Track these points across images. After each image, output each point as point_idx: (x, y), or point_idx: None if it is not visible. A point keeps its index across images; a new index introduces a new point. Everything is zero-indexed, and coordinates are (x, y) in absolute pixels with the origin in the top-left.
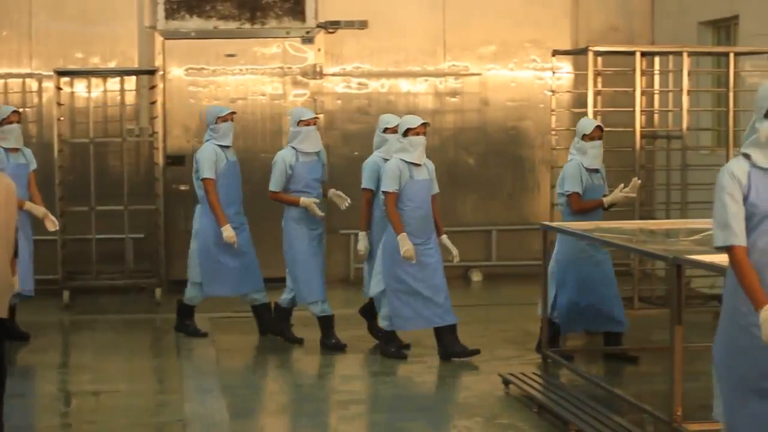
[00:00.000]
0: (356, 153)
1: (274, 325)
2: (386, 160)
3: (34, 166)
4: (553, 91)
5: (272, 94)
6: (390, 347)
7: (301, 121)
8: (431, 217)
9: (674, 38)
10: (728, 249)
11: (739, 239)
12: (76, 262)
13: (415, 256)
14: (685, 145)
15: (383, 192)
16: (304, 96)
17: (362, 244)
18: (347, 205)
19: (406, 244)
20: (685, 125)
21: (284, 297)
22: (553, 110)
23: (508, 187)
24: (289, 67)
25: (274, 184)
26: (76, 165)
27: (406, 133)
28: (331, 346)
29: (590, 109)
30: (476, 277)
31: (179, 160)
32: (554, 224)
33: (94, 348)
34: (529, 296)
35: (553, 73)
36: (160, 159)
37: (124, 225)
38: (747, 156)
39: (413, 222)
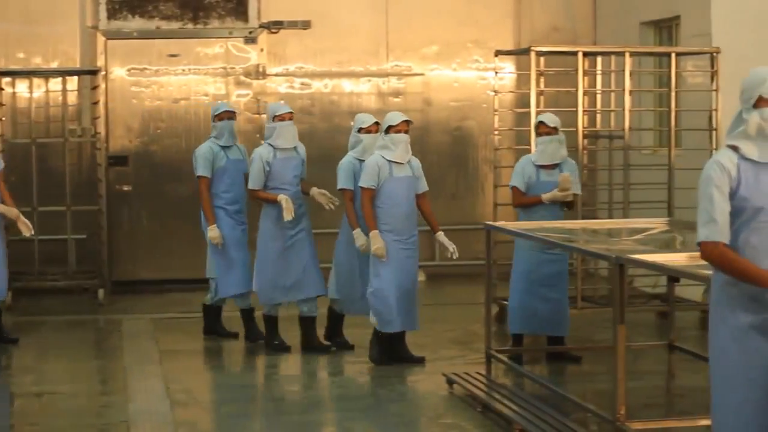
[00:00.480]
0: None
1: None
2: (361, 161)
3: (1, 165)
4: (495, 92)
5: (215, 94)
6: (379, 353)
7: (276, 116)
8: (413, 215)
9: (616, 38)
10: (709, 245)
11: (724, 236)
12: (19, 263)
13: (392, 254)
14: (627, 144)
15: (360, 187)
16: (247, 96)
17: (360, 241)
18: (332, 207)
19: (377, 242)
20: (627, 125)
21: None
22: (496, 110)
23: (452, 187)
24: (232, 68)
25: (253, 182)
26: (18, 165)
27: (388, 130)
28: (274, 347)
29: (533, 110)
30: (420, 277)
31: (122, 161)
32: (498, 224)
33: (37, 349)
34: (472, 296)
35: (496, 73)
36: (102, 159)
37: (66, 226)
38: (735, 148)
39: (391, 220)
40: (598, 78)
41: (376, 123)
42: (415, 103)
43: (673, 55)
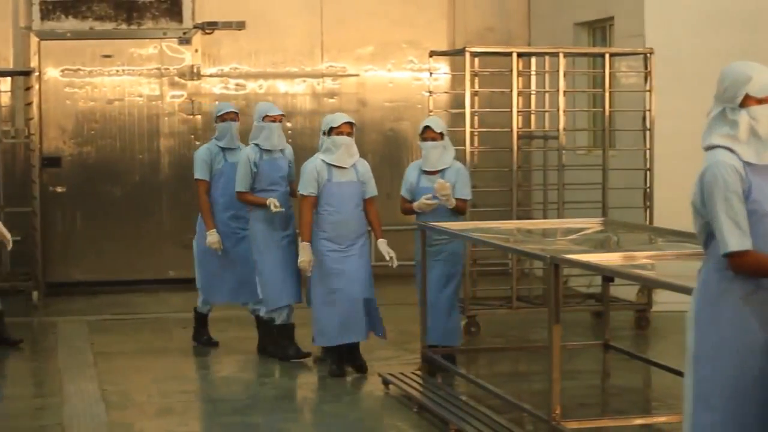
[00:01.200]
0: None
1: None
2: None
3: None
4: (430, 92)
5: (149, 95)
6: (331, 364)
7: (266, 116)
8: (356, 222)
9: (550, 39)
10: (742, 255)
11: (750, 243)
12: None
13: (327, 264)
14: (562, 145)
15: (299, 194)
16: (181, 97)
17: (306, 255)
18: None
19: (303, 255)
20: (561, 125)
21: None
22: (430, 111)
23: (387, 187)
24: (167, 68)
25: (240, 184)
26: None
27: (330, 132)
28: (271, 352)
29: (467, 110)
30: None
31: (55, 162)
32: (431, 224)
33: None
34: (407, 297)
35: (431, 74)
36: (36, 161)
37: None
38: (730, 150)
39: (330, 228)
40: (533, 78)
41: (349, 123)
42: (350, 103)
43: (607, 55)
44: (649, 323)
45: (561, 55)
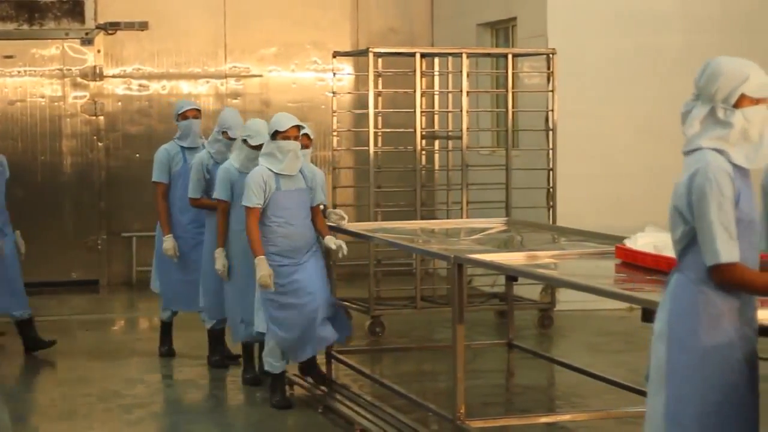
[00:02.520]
0: (138, 155)
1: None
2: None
3: (6, 174)
4: (334, 93)
5: (51, 96)
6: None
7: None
8: (308, 232)
9: (453, 40)
10: (730, 267)
11: (738, 254)
12: None
13: (276, 280)
14: (465, 145)
15: (243, 206)
16: (84, 98)
17: (220, 263)
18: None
19: (262, 269)
20: (464, 126)
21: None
22: (334, 111)
23: None
24: (69, 69)
25: (191, 190)
26: None
27: (275, 136)
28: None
29: (371, 110)
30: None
31: None
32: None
33: None
34: None
35: (334, 74)
36: None
37: None
38: (720, 152)
39: (281, 241)
40: (436, 79)
41: (297, 127)
42: (254, 104)
43: (510, 56)
44: (553, 322)
45: (464, 56)
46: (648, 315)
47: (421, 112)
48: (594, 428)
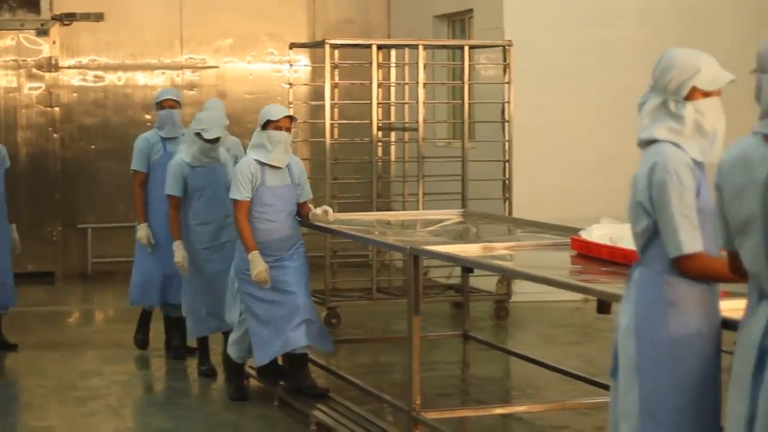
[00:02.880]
0: (93, 147)
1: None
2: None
3: (7, 164)
4: (290, 84)
5: (6, 87)
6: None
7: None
8: (291, 230)
9: (410, 31)
10: (694, 257)
11: (701, 244)
12: None
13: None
14: (421, 137)
15: (231, 200)
16: (39, 89)
17: (179, 255)
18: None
19: (257, 265)
20: (421, 117)
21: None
22: (291, 103)
23: None
24: (24, 60)
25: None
26: None
27: (266, 125)
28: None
29: (327, 102)
30: None
31: None
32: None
33: None
34: None
35: (291, 65)
36: None
37: None
38: (677, 145)
39: (262, 235)
40: (392, 70)
41: (289, 117)
42: (210, 95)
43: (466, 48)
44: (509, 313)
45: (420, 47)
46: (603, 306)
47: (378, 103)
48: (549, 419)
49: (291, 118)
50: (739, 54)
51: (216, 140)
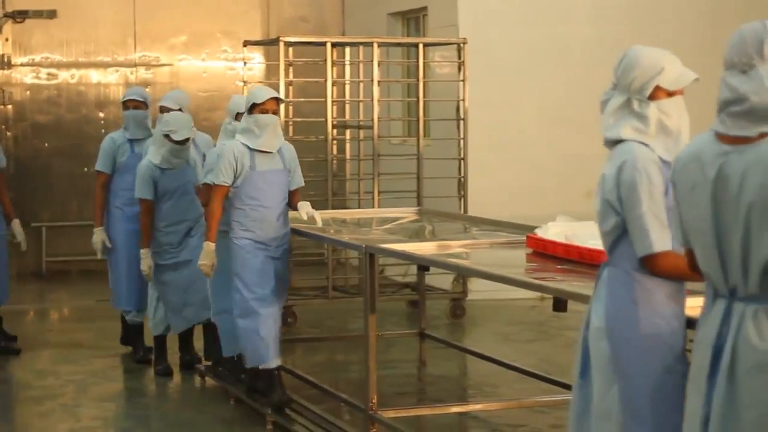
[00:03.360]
0: (46, 144)
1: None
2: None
3: (3, 162)
4: (245, 82)
5: None
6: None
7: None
8: (283, 218)
9: (365, 29)
10: (665, 255)
11: (671, 242)
12: None
13: (254, 265)
14: (376, 134)
15: (207, 184)
16: None
17: (146, 264)
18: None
19: (207, 257)
20: (375, 115)
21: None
22: None
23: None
24: None
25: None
26: None
27: (252, 109)
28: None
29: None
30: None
31: None
32: None
33: None
34: None
35: (245, 63)
36: None
37: None
38: (644, 144)
39: (254, 225)
40: (347, 68)
41: (276, 99)
42: (164, 93)
43: (421, 45)
44: (465, 312)
45: (375, 45)
46: (559, 304)
47: (333, 101)
48: (506, 417)
49: (278, 99)
50: (693, 51)
51: (185, 141)
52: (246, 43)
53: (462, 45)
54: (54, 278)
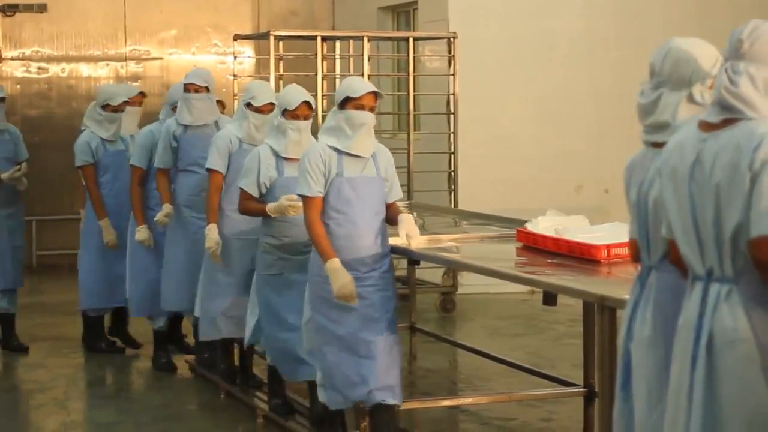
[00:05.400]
0: (37, 138)
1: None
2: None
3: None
4: (235, 76)
5: None
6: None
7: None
8: (375, 237)
9: (355, 23)
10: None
11: None
12: None
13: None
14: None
15: (300, 196)
16: None
17: (214, 239)
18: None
19: (340, 277)
20: None
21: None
22: (235, 95)
23: None
24: None
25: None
26: None
27: (344, 104)
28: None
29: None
30: None
31: None
32: None
33: None
34: None
35: (235, 57)
36: None
37: None
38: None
39: (340, 244)
40: (337, 62)
41: (375, 93)
42: (155, 87)
43: (411, 40)
44: (455, 306)
45: (365, 39)
46: (549, 298)
47: (323, 95)
48: (496, 411)
49: (376, 94)
50: None
51: (268, 109)
52: (236, 37)
53: (452, 39)
54: (44, 272)
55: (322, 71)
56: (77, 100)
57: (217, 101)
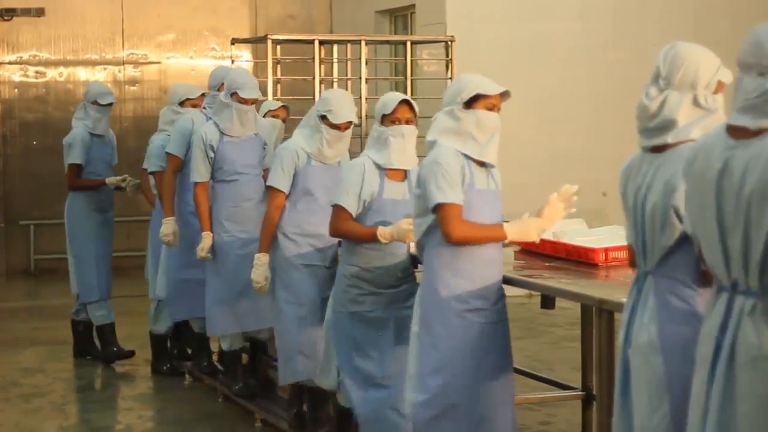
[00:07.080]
0: (35, 142)
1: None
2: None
3: None
4: None
5: None
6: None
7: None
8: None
9: (352, 27)
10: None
11: None
12: None
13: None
14: (364, 132)
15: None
16: None
17: (264, 268)
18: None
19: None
20: (364, 113)
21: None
22: None
23: None
24: None
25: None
26: None
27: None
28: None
29: (270, 98)
30: None
31: None
32: None
33: None
34: None
35: (233, 61)
36: None
37: None
38: None
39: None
40: (335, 66)
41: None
42: (152, 91)
43: (409, 43)
44: None
45: (363, 43)
46: (547, 301)
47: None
48: None
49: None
50: None
51: (347, 126)
52: (234, 41)
53: (450, 43)
54: (42, 276)
55: (320, 75)
56: (75, 105)
57: None
